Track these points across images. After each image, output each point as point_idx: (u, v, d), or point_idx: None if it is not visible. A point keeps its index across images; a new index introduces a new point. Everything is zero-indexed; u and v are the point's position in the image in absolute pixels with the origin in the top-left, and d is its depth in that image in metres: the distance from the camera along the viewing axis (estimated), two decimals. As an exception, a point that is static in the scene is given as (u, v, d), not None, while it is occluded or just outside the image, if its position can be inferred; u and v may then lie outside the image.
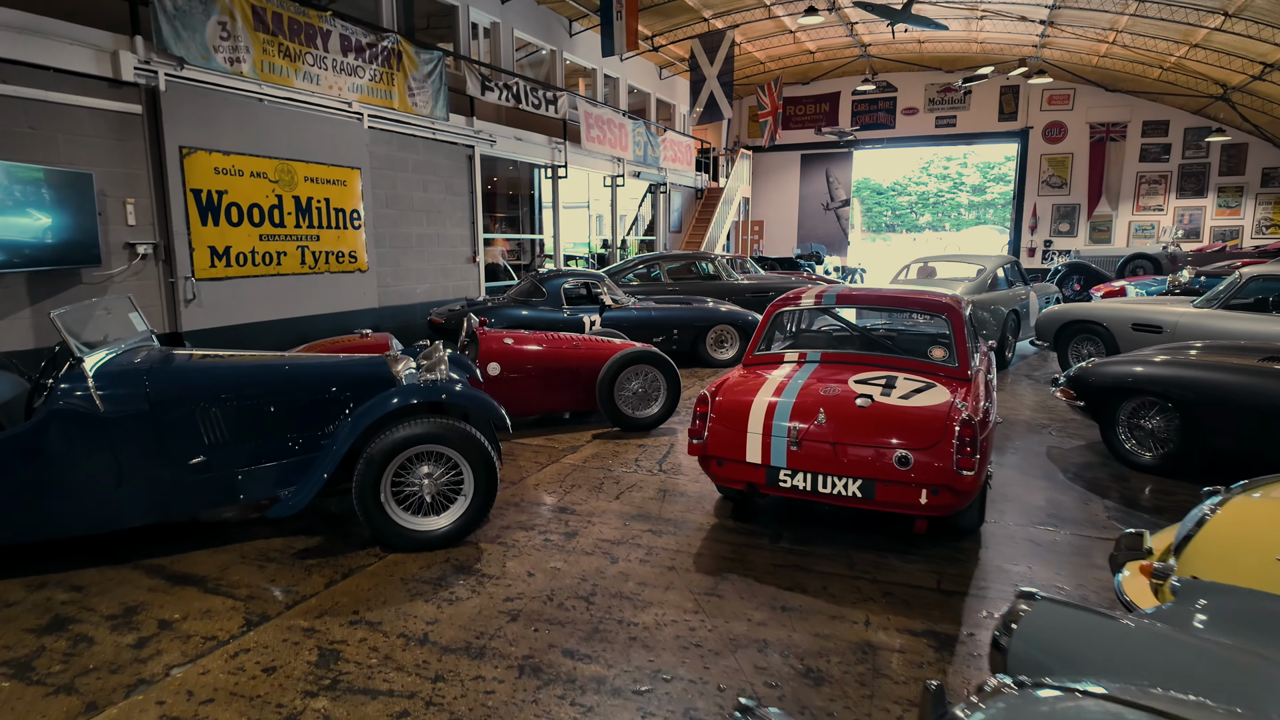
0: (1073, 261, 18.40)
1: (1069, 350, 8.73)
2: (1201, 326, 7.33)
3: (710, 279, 12.59)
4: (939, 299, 4.73)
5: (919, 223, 64.13)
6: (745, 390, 4.29)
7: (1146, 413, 5.41)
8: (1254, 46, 14.40)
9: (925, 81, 22.48)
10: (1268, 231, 19.71)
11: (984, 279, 9.78)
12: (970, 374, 4.37)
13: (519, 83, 12.11)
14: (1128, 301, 8.50)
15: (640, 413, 6.51)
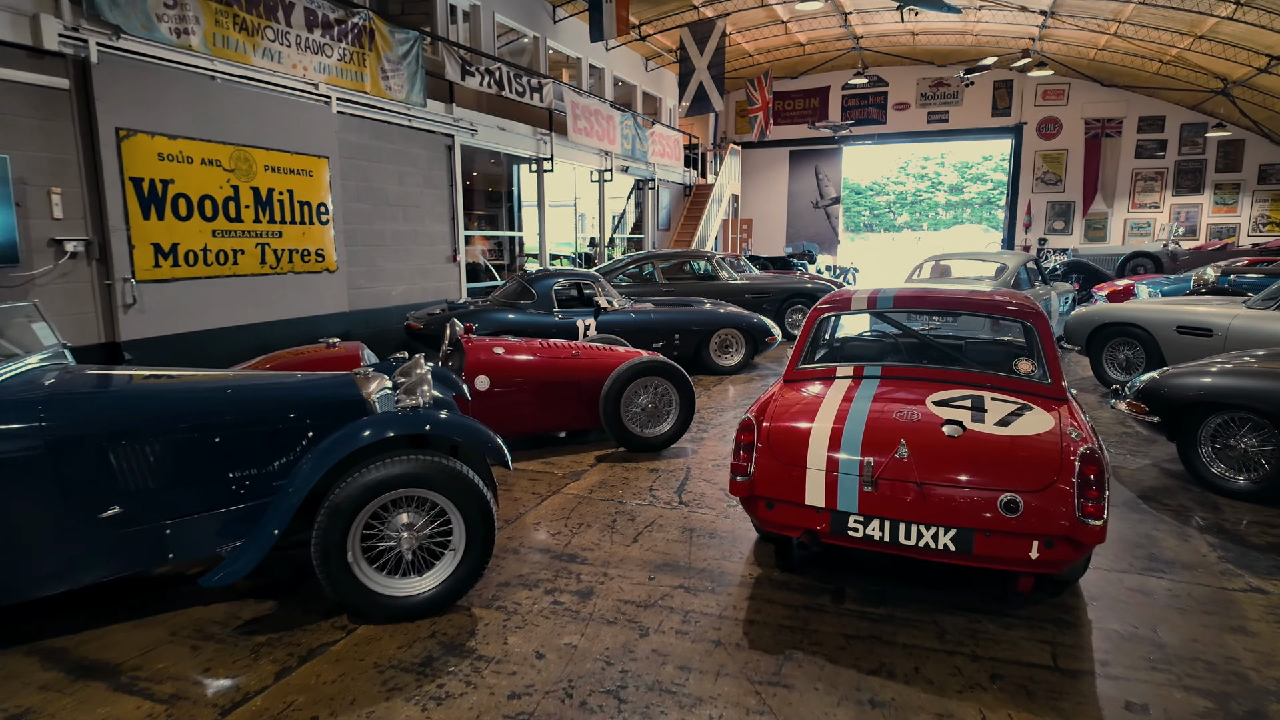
0: (1071, 260, 17.92)
1: (1103, 354, 8.07)
2: (1260, 330, 6.69)
3: (706, 279, 11.84)
4: (1020, 302, 4.00)
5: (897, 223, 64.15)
6: (799, 413, 3.52)
7: (1237, 430, 4.72)
8: (1264, 37, 13.95)
9: (917, 76, 21.93)
10: (1265, 229, 19.40)
11: (1006, 278, 9.13)
12: (1067, 393, 3.64)
13: (501, 68, 11.25)
14: (1171, 302, 7.87)
15: (650, 431, 5.72)
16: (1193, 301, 7.83)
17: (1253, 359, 5.12)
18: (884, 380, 3.85)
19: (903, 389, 3.73)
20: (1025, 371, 3.72)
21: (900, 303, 4.21)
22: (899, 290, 4.28)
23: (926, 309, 4.41)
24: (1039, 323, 3.85)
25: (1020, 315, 3.91)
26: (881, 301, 4.21)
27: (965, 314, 4.05)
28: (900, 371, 3.92)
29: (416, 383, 3.55)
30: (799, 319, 12.05)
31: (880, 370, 3.93)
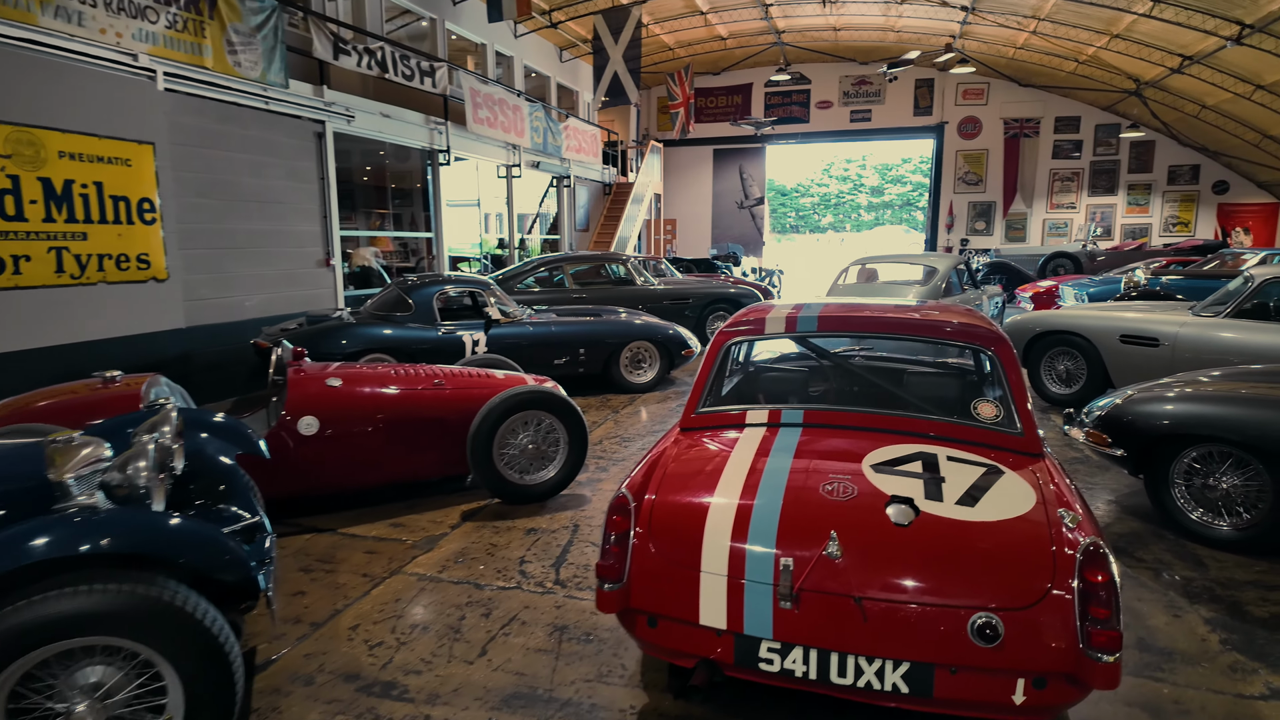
0: (994, 260, 17.75)
1: (1042, 366, 7.45)
2: (1207, 338, 6.13)
3: (623, 284, 10.85)
4: (979, 324, 3.11)
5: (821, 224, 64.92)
6: (694, 483, 2.55)
7: (1216, 467, 3.99)
8: (1179, 35, 13.90)
9: (840, 73, 21.53)
10: (1175, 229, 19.73)
11: (937, 282, 8.45)
12: (1042, 446, 2.76)
13: (384, 48, 9.97)
14: (1112, 308, 7.30)
15: (531, 477, 4.66)
16: (1134, 308, 7.27)
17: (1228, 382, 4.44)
18: (807, 429, 2.90)
19: (831, 443, 2.79)
20: (988, 417, 2.83)
21: (827, 324, 3.28)
22: (824, 308, 3.35)
23: (860, 332, 3.50)
24: (1003, 350, 2.97)
25: (981, 341, 3.03)
26: (803, 323, 3.28)
27: (915, 339, 3.16)
28: (827, 417, 2.99)
29: (134, 454, 2.41)
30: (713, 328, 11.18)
31: (802, 415, 2.98)
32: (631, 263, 10.89)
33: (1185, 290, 9.46)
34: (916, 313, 3.33)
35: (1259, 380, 4.33)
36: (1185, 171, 19.57)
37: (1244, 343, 5.92)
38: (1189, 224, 19.62)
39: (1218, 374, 4.57)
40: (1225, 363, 5.97)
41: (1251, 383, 4.30)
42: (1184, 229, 19.65)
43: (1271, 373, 4.44)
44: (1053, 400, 7.35)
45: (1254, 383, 4.29)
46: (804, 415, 2.98)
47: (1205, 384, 4.33)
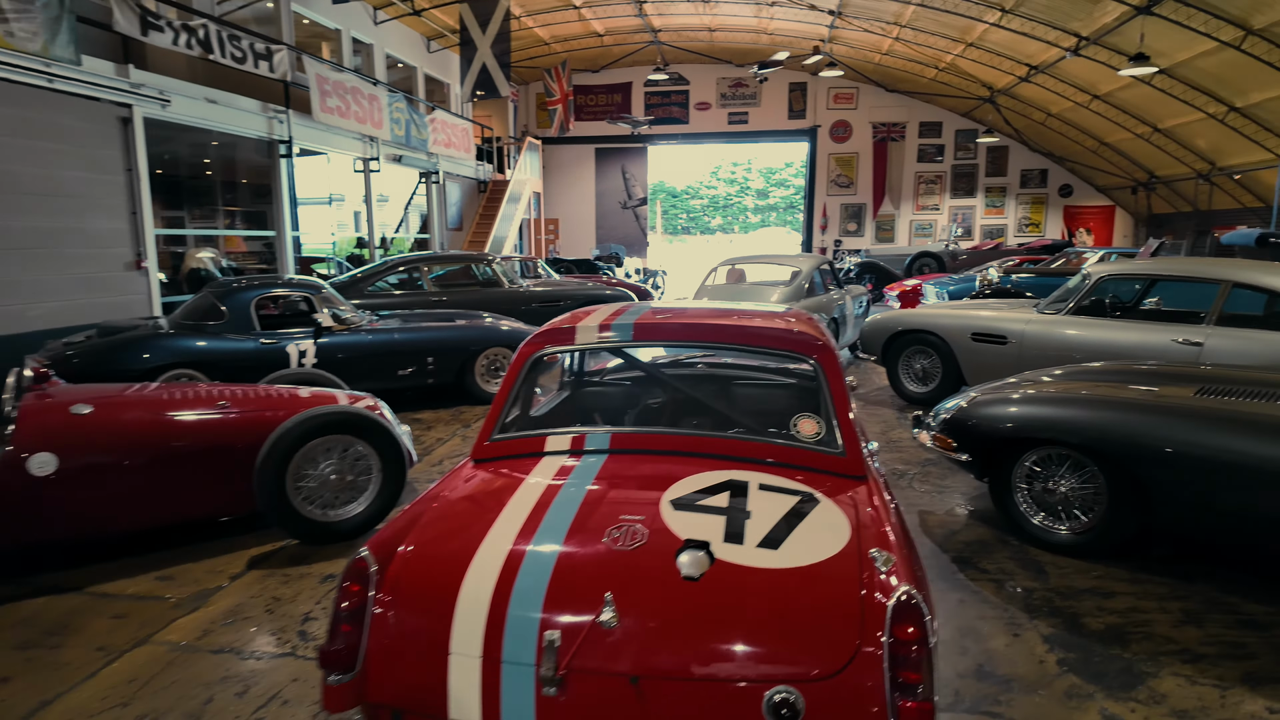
0: (864, 260, 18.28)
1: (900, 364, 7.46)
2: (1051, 335, 6.24)
3: (490, 286, 10.24)
4: (801, 329, 2.80)
5: (711, 225, 66.06)
6: (461, 532, 2.09)
7: (1056, 470, 3.91)
8: (1025, 46, 14.67)
9: (717, 75, 21.65)
10: (1027, 230, 21.01)
11: (800, 283, 8.36)
12: (865, 467, 2.47)
13: (208, 26, 8.94)
14: (964, 307, 7.39)
15: (337, 512, 4.05)
16: (984, 305, 7.39)
17: (1056, 379, 4.40)
18: (613, 456, 2.50)
19: (636, 472, 2.40)
20: (809, 435, 2.51)
21: (643, 333, 2.88)
22: (643, 315, 2.96)
23: (676, 341, 3.13)
24: (825, 359, 2.67)
25: (801, 348, 2.71)
26: (618, 331, 2.87)
27: (730, 347, 2.81)
28: (636, 440, 2.60)
29: None
30: (593, 329, 10.79)
31: (609, 440, 2.57)
32: (498, 263, 10.30)
33: (1034, 287, 9.89)
34: (736, 318, 3.00)
35: (1096, 379, 4.32)
36: (1035, 175, 20.87)
37: (1084, 339, 6.05)
38: (1039, 225, 20.95)
39: (1059, 373, 4.55)
40: (1069, 359, 6.08)
41: (1088, 382, 4.27)
42: (1035, 229, 20.96)
43: (1108, 371, 4.44)
44: (910, 398, 7.38)
45: (1091, 382, 4.27)
46: (610, 439, 2.57)
47: (1044, 385, 4.27)
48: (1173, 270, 6.06)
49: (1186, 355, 5.51)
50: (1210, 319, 5.53)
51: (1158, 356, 5.63)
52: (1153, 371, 4.33)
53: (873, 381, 8.47)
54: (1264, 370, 4.28)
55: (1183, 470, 3.45)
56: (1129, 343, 5.81)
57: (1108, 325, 6.02)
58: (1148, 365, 4.50)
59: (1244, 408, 3.49)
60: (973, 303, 7.80)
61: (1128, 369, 4.44)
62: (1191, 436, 3.44)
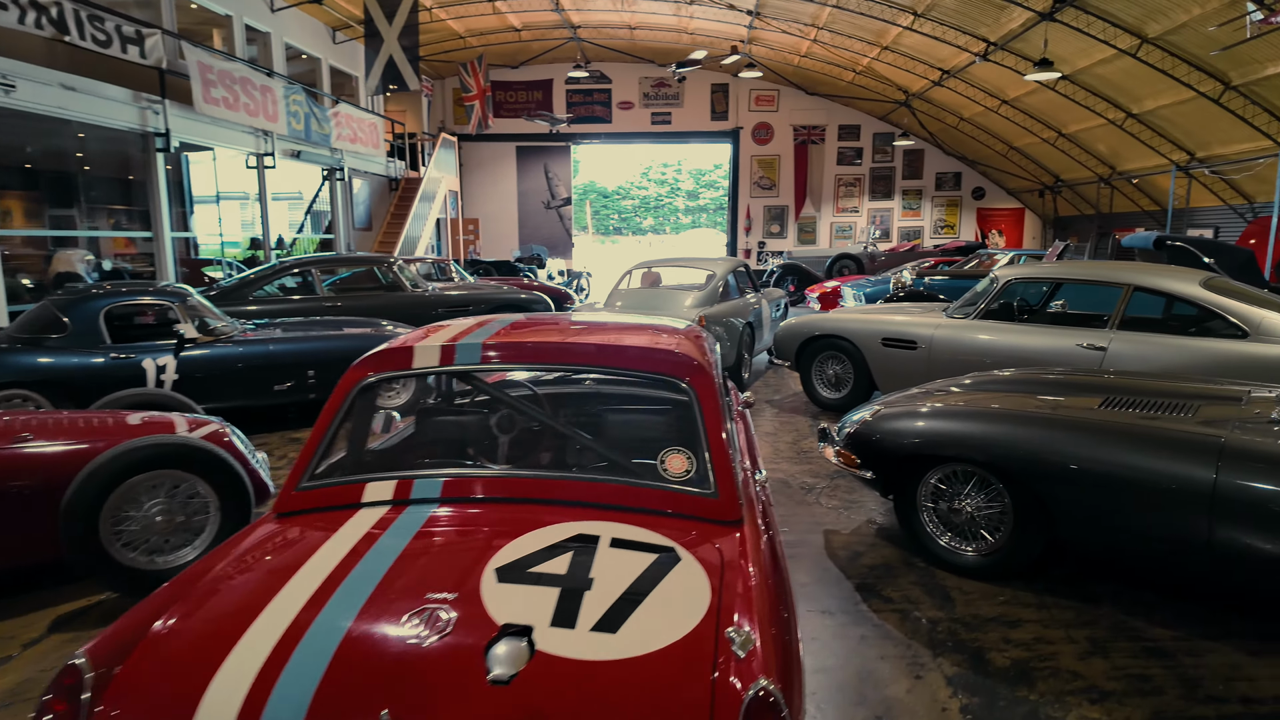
0: (786, 262, 18.32)
1: (813, 370, 7.27)
2: (960, 340, 6.13)
3: (392, 290, 9.61)
4: (670, 350, 2.43)
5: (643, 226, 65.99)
6: (220, 617, 1.65)
7: (961, 488, 3.69)
8: (937, 50, 14.88)
9: (640, 74, 21.37)
10: (943, 231, 21.49)
11: (715, 286, 8.09)
12: (741, 509, 2.13)
13: (62, 4, 8.05)
14: (875, 311, 7.26)
15: (167, 559, 3.50)
16: (896, 310, 7.27)
17: (964, 389, 4.22)
18: (443, 507, 2.09)
19: (462, 532, 2.00)
20: (677, 474, 2.16)
21: (493, 354, 2.47)
22: (495, 333, 2.56)
23: (533, 362, 2.74)
24: (700, 381, 2.31)
25: (672, 369, 2.36)
26: (463, 353, 2.46)
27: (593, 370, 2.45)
28: (474, 487, 2.19)
29: None
30: (504, 335, 10.29)
31: (440, 488, 2.16)
32: (397, 265, 9.68)
33: (946, 290, 9.92)
34: (602, 335, 2.63)
35: (1002, 390, 4.15)
36: (950, 178, 21.37)
37: (992, 344, 5.96)
38: (954, 226, 21.47)
39: (967, 383, 4.37)
40: (978, 364, 5.98)
41: (994, 394, 4.10)
42: (950, 231, 21.47)
43: (1015, 381, 4.27)
44: (824, 405, 7.20)
45: (996, 394, 4.09)
46: (442, 486, 2.16)
47: (949, 398, 4.07)
48: (1077, 274, 6.03)
49: (1091, 360, 5.46)
50: (1113, 323, 5.50)
51: (1063, 361, 5.57)
52: (1058, 381, 4.18)
53: (789, 388, 8.28)
54: (1164, 379, 4.18)
55: (1085, 487, 3.27)
56: (1036, 347, 5.73)
57: (1015, 329, 5.94)
58: (1054, 374, 4.35)
59: (1145, 422, 3.33)
60: (885, 307, 7.69)
61: (1034, 378, 4.28)
62: (1094, 452, 3.26)
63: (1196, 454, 3.02)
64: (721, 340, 7.60)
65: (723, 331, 7.62)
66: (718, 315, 7.62)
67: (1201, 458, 3.00)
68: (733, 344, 7.77)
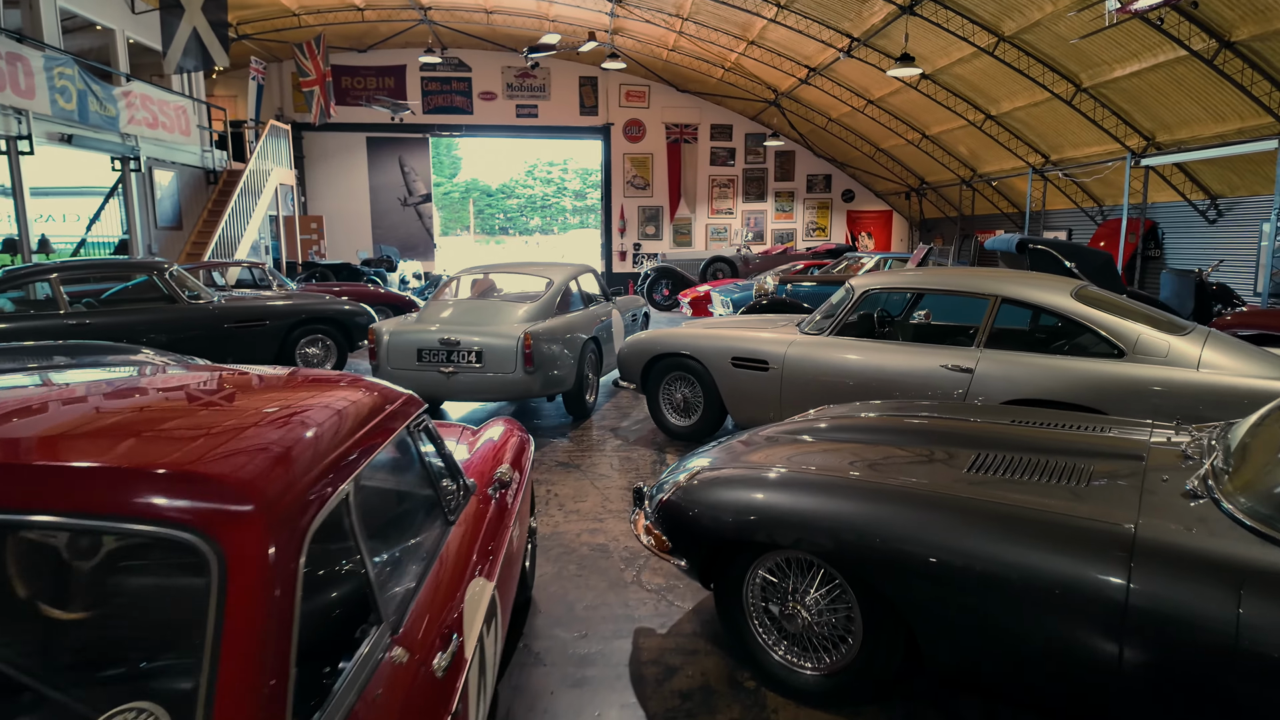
0: (660, 265, 17.50)
1: (660, 393, 6.29)
2: (814, 360, 5.30)
3: (163, 301, 7.92)
4: (188, 474, 1.25)
5: (530, 225, 64.30)
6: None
7: (798, 580, 2.73)
8: (803, 46, 14.41)
9: (502, 63, 19.99)
10: (815, 234, 21.35)
11: (553, 296, 6.97)
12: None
13: None
14: (727, 325, 6.35)
15: None
16: (749, 323, 6.40)
17: (813, 436, 3.29)
18: None
19: None
20: None
21: None
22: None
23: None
24: (242, 536, 1.16)
25: (175, 515, 1.18)
26: None
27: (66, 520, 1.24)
28: None
29: None
30: (317, 355, 8.79)
31: None
32: (174, 272, 7.98)
33: (811, 297, 9.23)
34: (85, 437, 1.41)
35: (853, 438, 3.24)
36: (820, 180, 21.25)
37: (848, 364, 5.15)
38: (826, 229, 21.38)
39: (821, 426, 3.46)
40: (835, 389, 5.17)
41: (839, 444, 3.18)
42: (822, 234, 21.37)
43: (870, 429, 3.37)
44: (672, 433, 6.24)
45: (843, 444, 3.18)
46: None
47: (782, 450, 3.12)
48: (940, 283, 5.31)
49: (956, 384, 4.72)
50: (980, 339, 4.78)
51: (927, 385, 4.82)
52: (920, 428, 3.30)
53: (638, 412, 7.26)
54: (1043, 418, 3.40)
55: (948, 587, 2.36)
56: (897, 368, 4.96)
57: (874, 347, 5.15)
58: (916, 417, 3.48)
59: (1032, 502, 2.45)
60: (741, 319, 6.81)
61: (893, 424, 3.39)
62: (961, 544, 2.35)
63: (1100, 551, 2.16)
64: (560, 360, 6.48)
65: (560, 350, 6.51)
66: (553, 331, 6.50)
67: (1107, 557, 2.13)
68: (574, 364, 6.67)
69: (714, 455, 3.25)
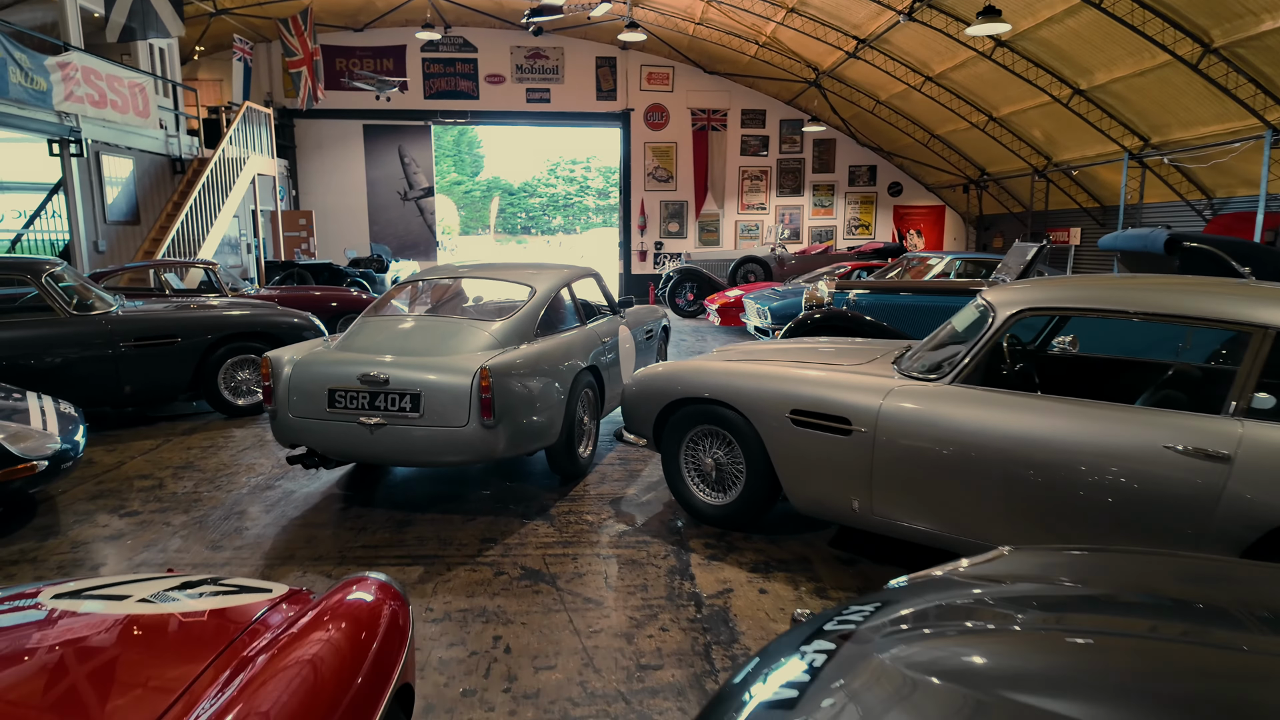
0: (684, 266, 15.51)
1: (683, 454, 4.31)
2: (931, 423, 3.30)
3: (33, 311, 6.15)
4: None
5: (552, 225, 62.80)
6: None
7: None
8: (853, 12, 12.34)
9: (510, 42, 18.12)
10: (857, 232, 19.22)
11: (534, 311, 5.02)
12: None
13: None
14: (775, 356, 4.33)
15: None
16: (815, 354, 4.38)
17: None
18: None
19: None
20: None
21: None
22: None
23: None
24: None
25: None
26: None
27: None
28: None
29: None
30: (246, 379, 6.93)
31: None
32: (46, 277, 6.16)
33: (880, 311, 7.15)
34: None
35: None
36: (864, 172, 19.10)
37: (993, 435, 3.13)
38: (870, 226, 19.22)
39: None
40: (967, 476, 3.18)
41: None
42: (865, 231, 19.22)
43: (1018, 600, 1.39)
44: (701, 515, 4.27)
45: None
46: None
47: None
48: (1152, 305, 3.22)
49: (1196, 480, 2.70)
50: (1238, 402, 2.75)
51: (1141, 479, 2.81)
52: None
53: (649, 477, 5.27)
54: None
55: None
56: (1082, 445, 2.94)
57: (1035, 406, 3.14)
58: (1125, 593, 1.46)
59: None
60: (796, 347, 4.79)
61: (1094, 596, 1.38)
62: None
63: None
64: (539, 404, 4.54)
65: (539, 388, 4.56)
66: (530, 362, 4.55)
67: None
68: (560, 406, 4.72)
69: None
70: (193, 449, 5.90)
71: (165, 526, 4.32)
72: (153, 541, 4.11)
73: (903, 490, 3.43)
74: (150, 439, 6.19)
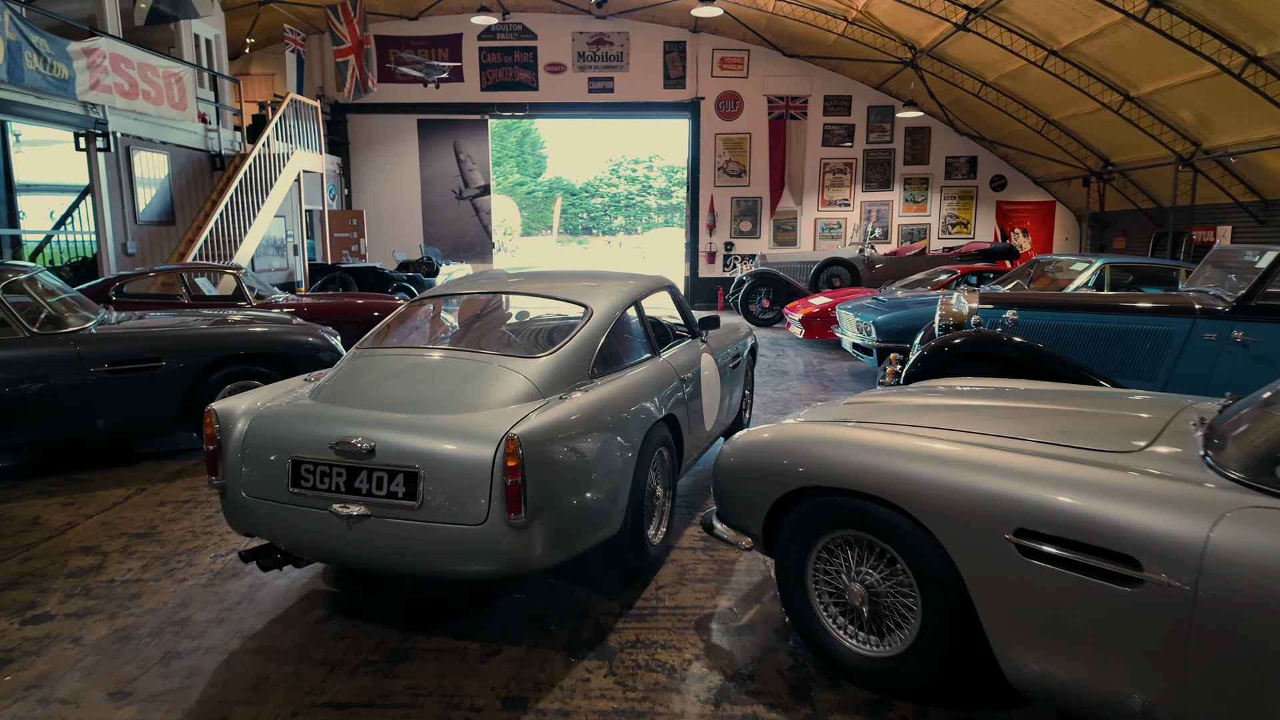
0: (759, 269, 13.88)
1: (810, 568, 2.81)
2: None
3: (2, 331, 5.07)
4: None
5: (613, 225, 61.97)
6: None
7: None
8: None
9: (572, 28, 16.86)
10: (954, 230, 17.24)
11: (592, 342, 3.60)
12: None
13: None
14: (964, 423, 2.79)
15: None
16: (1026, 416, 2.81)
17: None
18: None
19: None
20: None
21: None
22: None
23: None
24: None
25: None
26: None
27: None
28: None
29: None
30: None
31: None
32: (23, 285, 5.06)
33: (1042, 333, 5.41)
34: None
35: None
36: (962, 164, 17.11)
37: None
38: (969, 224, 17.22)
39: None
40: None
41: None
42: (963, 230, 17.22)
43: None
44: (844, 667, 2.76)
45: None
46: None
47: None
48: None
49: None
50: None
51: None
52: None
53: (757, 596, 3.77)
54: None
55: None
56: None
57: None
58: None
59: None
60: (988, 406, 3.20)
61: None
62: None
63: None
64: (593, 481, 3.10)
65: (595, 456, 3.12)
66: (585, 420, 3.11)
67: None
68: (622, 479, 3.27)
69: None
70: (165, 504, 4.70)
71: (72, 647, 3.07)
72: (41, 678, 2.85)
73: (1249, 692, 1.87)
74: (122, 486, 5.03)
